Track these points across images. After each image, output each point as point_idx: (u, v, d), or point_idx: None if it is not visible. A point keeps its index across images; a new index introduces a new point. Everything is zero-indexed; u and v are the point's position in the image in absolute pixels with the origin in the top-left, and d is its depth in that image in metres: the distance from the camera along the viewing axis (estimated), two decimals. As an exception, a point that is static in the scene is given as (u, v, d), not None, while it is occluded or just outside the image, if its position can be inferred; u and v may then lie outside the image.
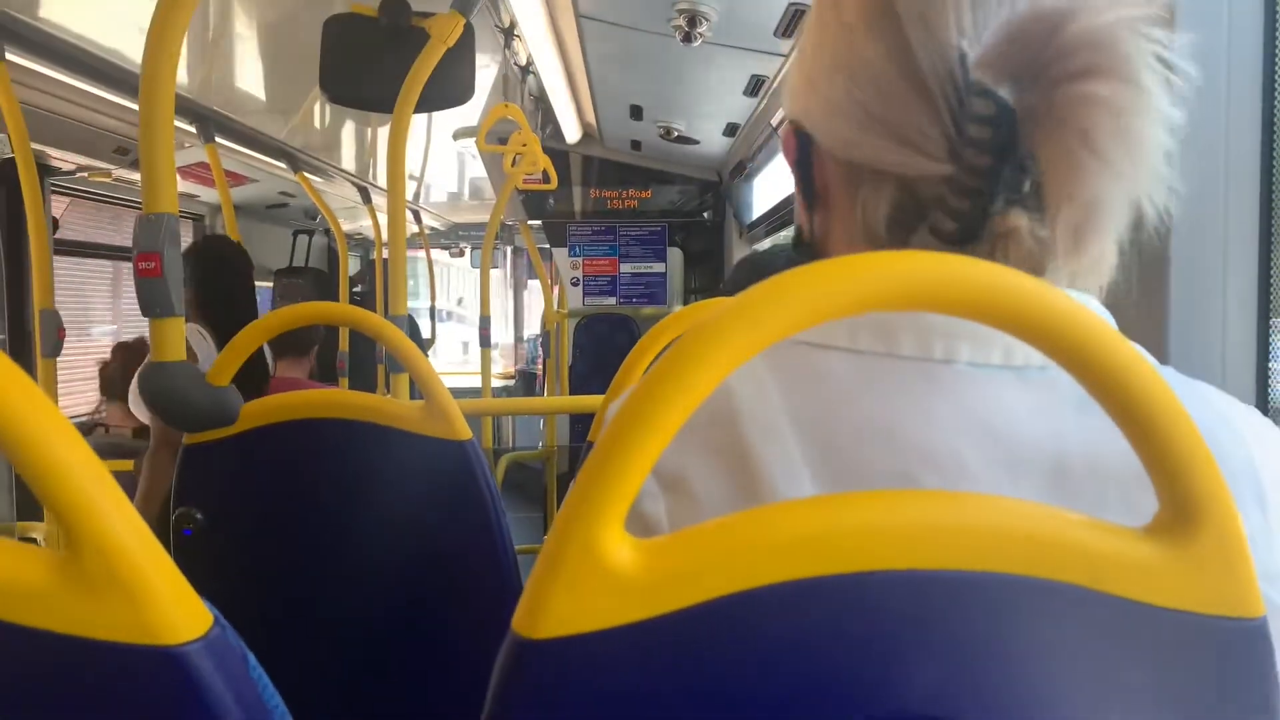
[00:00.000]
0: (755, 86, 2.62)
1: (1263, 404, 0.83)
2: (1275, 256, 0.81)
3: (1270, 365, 0.81)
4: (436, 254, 6.23)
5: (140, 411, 2.31)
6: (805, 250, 0.60)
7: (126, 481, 2.16)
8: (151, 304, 1.01)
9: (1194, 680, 0.37)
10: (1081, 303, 0.50)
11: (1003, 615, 0.37)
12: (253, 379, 1.13)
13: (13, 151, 1.94)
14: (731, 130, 3.38)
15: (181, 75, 2.42)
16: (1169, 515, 0.37)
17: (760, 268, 1.75)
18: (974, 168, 0.46)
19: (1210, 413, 0.49)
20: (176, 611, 0.38)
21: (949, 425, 0.47)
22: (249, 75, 2.87)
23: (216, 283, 2.06)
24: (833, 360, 0.50)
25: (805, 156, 0.56)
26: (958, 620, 0.36)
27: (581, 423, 4.23)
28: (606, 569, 0.35)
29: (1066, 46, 0.43)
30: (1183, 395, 0.49)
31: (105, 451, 2.70)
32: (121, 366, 2.97)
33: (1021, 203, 0.46)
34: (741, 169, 3.74)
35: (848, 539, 0.36)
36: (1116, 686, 0.37)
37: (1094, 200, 0.44)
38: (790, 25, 1.97)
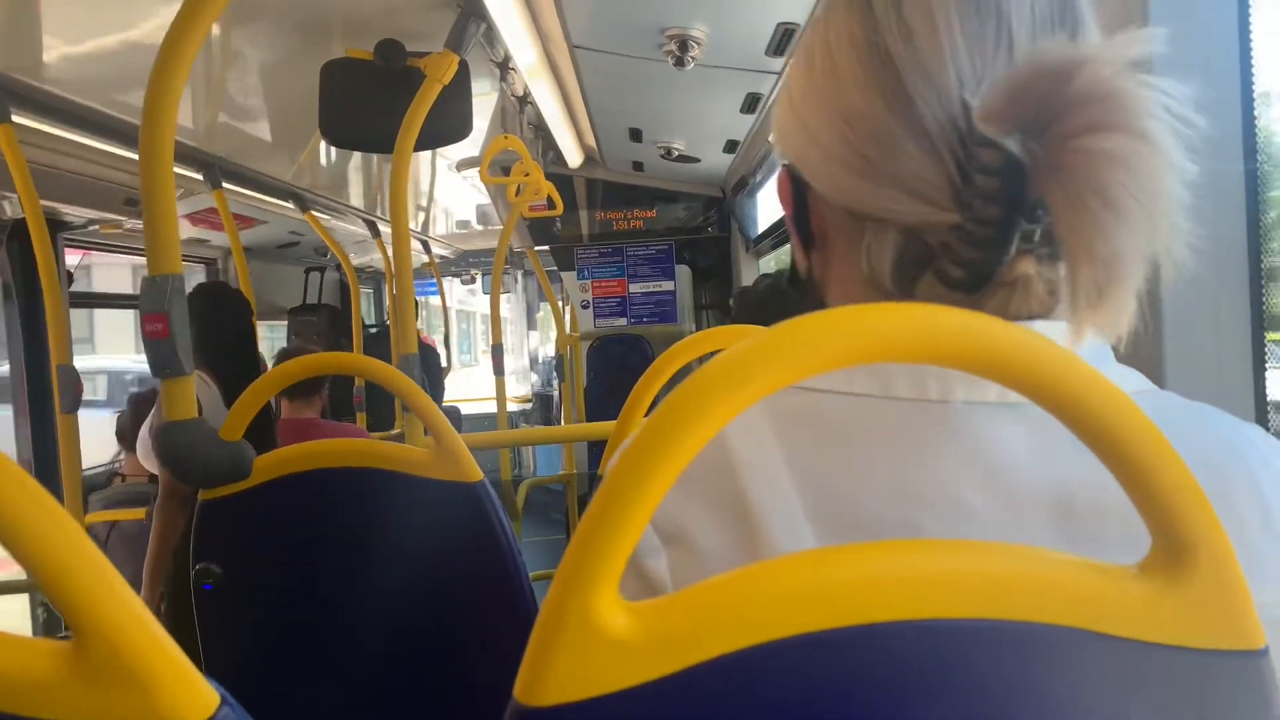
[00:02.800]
0: (752, 104, 2.63)
1: (1262, 419, 0.82)
2: (1266, 267, 0.81)
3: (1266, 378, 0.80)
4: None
5: (149, 462, 2.34)
6: (803, 288, 0.60)
7: (140, 529, 2.19)
8: (161, 365, 1.02)
9: (1198, 715, 0.37)
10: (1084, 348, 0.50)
11: (1005, 661, 0.37)
12: (256, 426, 1.14)
13: (24, 211, 1.98)
14: (731, 147, 3.39)
15: (186, 122, 2.47)
16: (1162, 552, 0.37)
17: (781, 293, 1.75)
18: (983, 218, 0.46)
19: (1213, 437, 0.49)
20: (183, 696, 0.39)
21: (948, 466, 0.47)
22: (252, 120, 2.91)
23: (215, 328, 2.09)
24: (829, 404, 0.50)
25: (801, 200, 0.56)
26: (959, 668, 0.37)
27: (600, 446, 4.24)
28: (602, 635, 0.35)
29: (1074, 100, 0.43)
30: (1184, 421, 0.49)
31: (123, 500, 2.73)
32: (133, 417, 3.01)
33: (1032, 251, 0.46)
34: (744, 184, 3.75)
35: (845, 592, 0.36)
36: (1122, 725, 0.37)
37: (1113, 256, 0.43)
38: (781, 44, 1.99)
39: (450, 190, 4.80)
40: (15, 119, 1.98)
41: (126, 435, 3.10)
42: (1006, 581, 0.37)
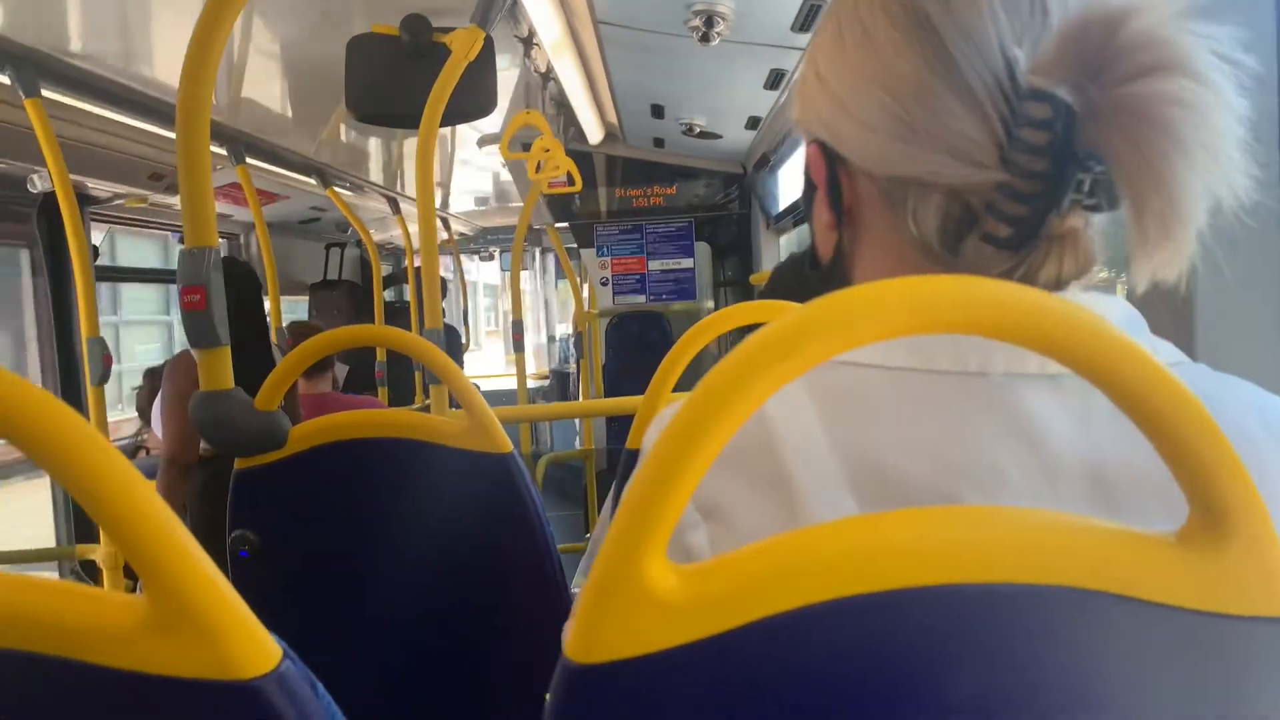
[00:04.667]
0: (775, 80, 2.62)
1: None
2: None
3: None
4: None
5: (159, 428, 2.38)
6: (826, 272, 0.59)
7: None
8: (199, 336, 1.04)
9: (1232, 680, 0.38)
10: (1107, 305, 0.51)
11: (1039, 625, 0.38)
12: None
13: (53, 185, 1.99)
14: (753, 124, 3.38)
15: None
16: (1200, 520, 0.38)
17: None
18: (1030, 172, 0.47)
19: (1246, 409, 0.49)
20: (249, 647, 0.40)
21: (988, 438, 0.47)
22: (276, 95, 2.92)
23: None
24: (870, 378, 0.50)
25: (833, 175, 0.56)
26: (995, 632, 0.38)
27: (618, 422, 4.25)
28: (652, 595, 0.37)
29: (1127, 45, 0.44)
30: (1218, 392, 0.50)
31: (146, 472, 2.77)
32: (150, 391, 3.05)
33: (1081, 202, 0.47)
34: (765, 161, 3.74)
35: (885, 557, 0.37)
36: (1155, 690, 0.38)
37: (1179, 192, 0.44)
38: (807, 20, 1.98)
39: (470, 167, 4.80)
40: (44, 93, 2.00)
41: (145, 409, 3.14)
42: (1041, 546, 0.38)
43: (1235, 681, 0.38)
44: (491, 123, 3.40)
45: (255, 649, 0.41)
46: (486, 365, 7.80)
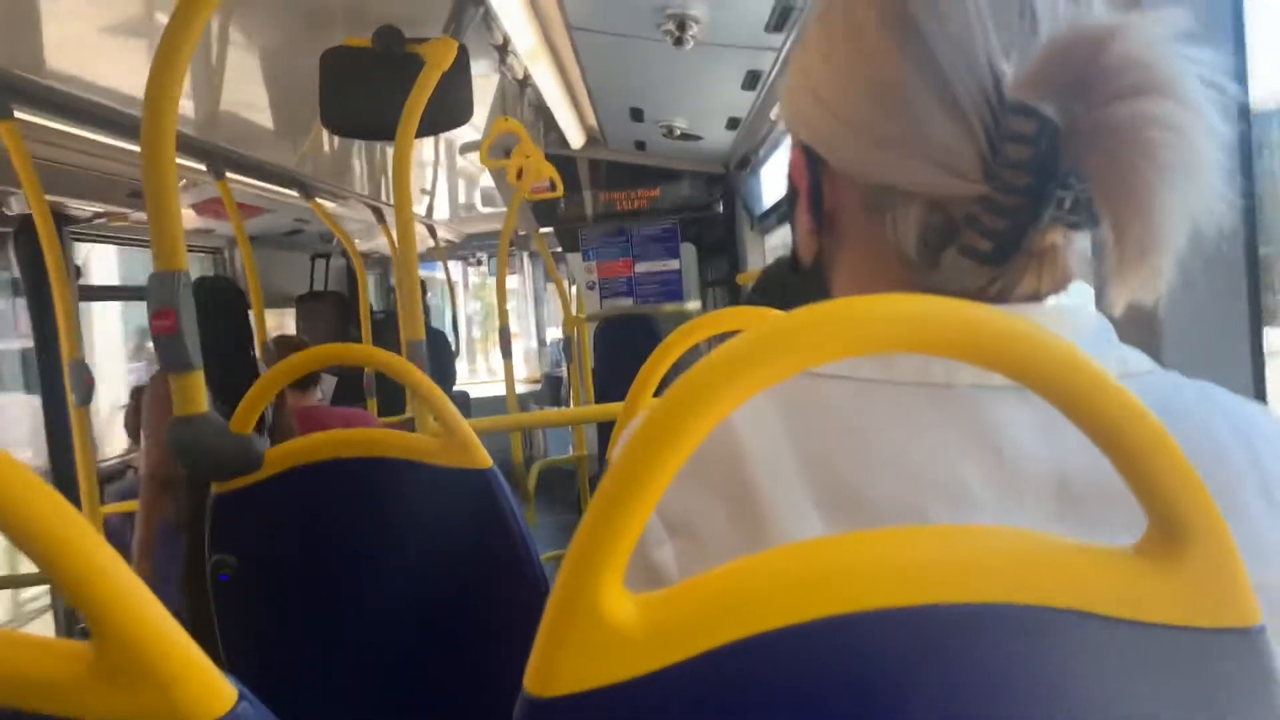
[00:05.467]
0: (752, 81, 2.62)
1: (1260, 395, 0.82)
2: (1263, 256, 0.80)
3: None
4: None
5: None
6: (807, 276, 0.59)
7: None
8: (171, 361, 1.03)
9: (1197, 693, 0.38)
10: (1076, 315, 0.51)
11: (1003, 644, 0.37)
12: (275, 417, 1.15)
13: (30, 207, 1.98)
14: (734, 124, 3.38)
15: (188, 113, 2.48)
16: (1157, 533, 0.37)
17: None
18: (1012, 187, 0.46)
19: (1217, 417, 0.49)
20: (202, 691, 0.40)
21: (954, 451, 0.47)
22: (255, 108, 2.91)
23: (205, 325, 2.09)
24: (835, 389, 0.50)
25: (816, 179, 0.56)
26: (958, 653, 0.37)
27: (609, 427, 4.23)
28: (607, 627, 0.36)
29: (1113, 65, 0.43)
30: (1189, 400, 0.50)
31: (136, 492, 2.76)
32: (137, 410, 3.03)
33: (1062, 220, 0.47)
34: (747, 162, 3.74)
35: (843, 580, 0.37)
36: (1122, 705, 0.38)
37: (1159, 218, 0.44)
38: (780, 20, 1.98)
39: (454, 174, 4.79)
40: (18, 115, 1.98)
41: (133, 427, 3.13)
42: (1002, 565, 0.37)
43: (1200, 695, 0.38)
44: (473, 130, 3.39)
45: (209, 693, 0.40)
46: (464, 373, 7.75)
